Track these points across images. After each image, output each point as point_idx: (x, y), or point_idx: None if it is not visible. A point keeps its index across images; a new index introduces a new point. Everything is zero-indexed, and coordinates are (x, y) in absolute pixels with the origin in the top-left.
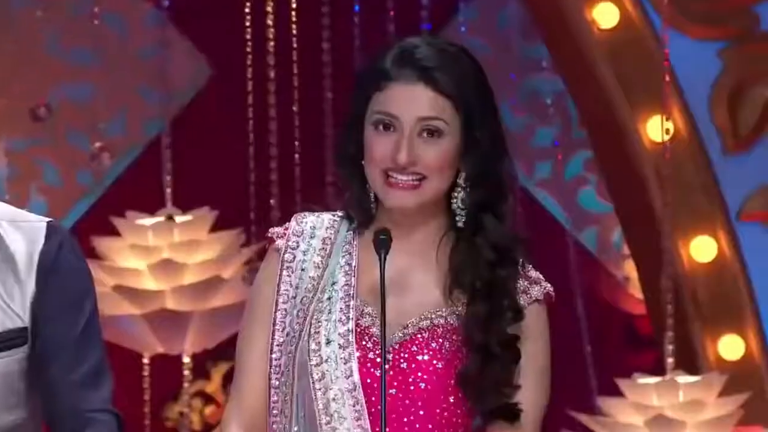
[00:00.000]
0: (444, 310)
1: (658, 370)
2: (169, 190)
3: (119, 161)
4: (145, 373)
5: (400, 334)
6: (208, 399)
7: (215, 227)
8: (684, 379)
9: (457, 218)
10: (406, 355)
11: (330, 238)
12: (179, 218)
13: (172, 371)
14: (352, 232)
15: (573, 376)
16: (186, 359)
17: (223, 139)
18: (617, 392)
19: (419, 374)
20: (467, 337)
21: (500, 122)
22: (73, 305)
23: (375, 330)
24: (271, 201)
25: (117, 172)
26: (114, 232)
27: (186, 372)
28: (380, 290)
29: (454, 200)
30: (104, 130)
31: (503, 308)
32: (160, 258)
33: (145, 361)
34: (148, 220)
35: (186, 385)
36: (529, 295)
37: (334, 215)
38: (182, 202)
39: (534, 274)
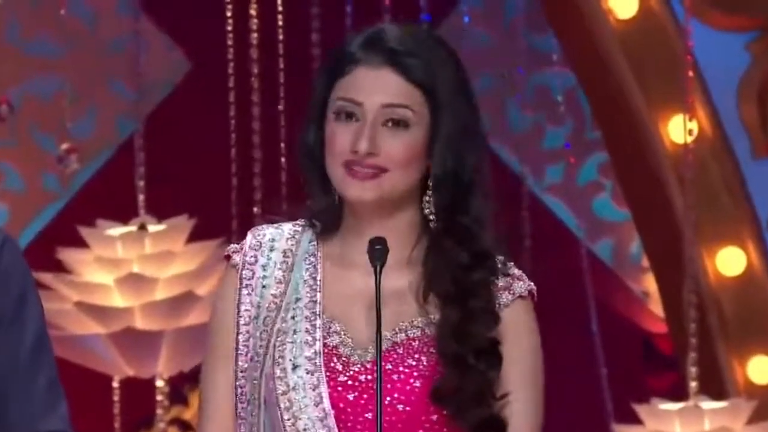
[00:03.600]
0: (420, 320)
1: (680, 394)
2: (142, 197)
3: (88, 164)
4: (115, 398)
5: (374, 351)
6: (185, 427)
7: (192, 237)
8: (709, 404)
9: (430, 220)
10: (381, 374)
11: (291, 250)
12: (152, 227)
13: (145, 396)
14: (315, 243)
15: (586, 400)
16: (160, 383)
17: (202, 140)
18: (635, 419)
19: (395, 395)
20: (441, 348)
21: (476, 116)
22: (19, 314)
23: (344, 349)
24: (255, 209)
25: (86, 177)
26: (82, 243)
27: (160, 397)
28: (376, 306)
29: (426, 200)
30: (72, 130)
31: (477, 312)
32: (129, 271)
33: (115, 385)
34: (116, 230)
35: (160, 411)
36: (511, 292)
37: (295, 224)
38: (157, 210)
39: (516, 271)
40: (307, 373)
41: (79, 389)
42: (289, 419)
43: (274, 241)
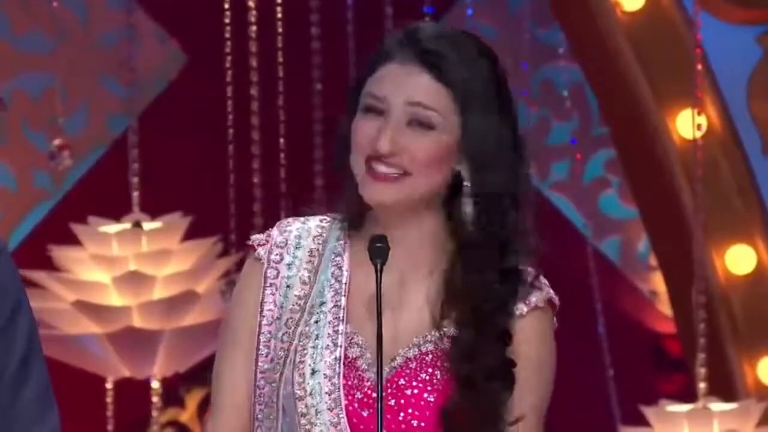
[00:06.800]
0: (433, 333)
1: (689, 396)
2: (136, 194)
3: (81, 161)
4: (109, 400)
5: (386, 369)
6: (181, 429)
7: (189, 235)
8: (718, 406)
9: (459, 229)
10: (394, 390)
11: (318, 250)
12: (147, 225)
13: (140, 398)
14: (342, 242)
15: (594, 403)
16: (155, 384)
17: (199, 136)
18: (643, 421)
19: (410, 410)
20: (453, 368)
21: (512, 122)
22: (10, 323)
23: (362, 363)
24: (254, 206)
25: (78, 174)
26: (74, 241)
27: (155, 399)
28: (377, 306)
29: (455, 208)
30: (64, 126)
31: (492, 335)
32: (126, 270)
33: (109, 386)
34: (112, 228)
35: (155, 413)
36: (527, 303)
37: (322, 220)
38: (151, 207)
39: (538, 281)
40: (325, 377)
41: (72, 391)
42: (305, 425)
43: (301, 239)
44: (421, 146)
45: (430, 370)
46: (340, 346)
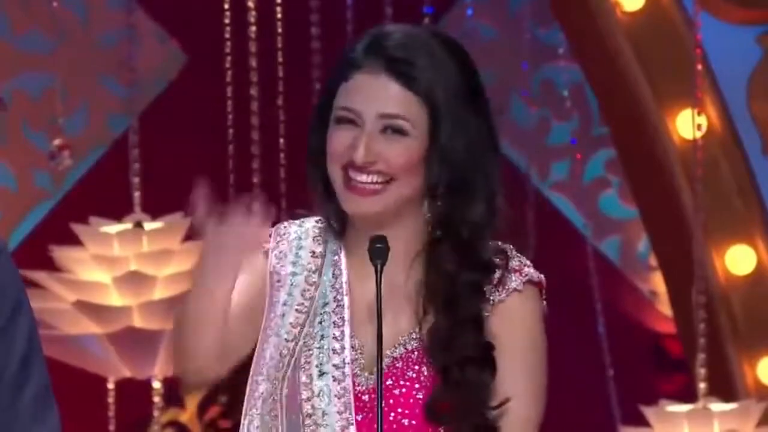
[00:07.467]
0: (417, 331)
1: (689, 396)
2: (137, 194)
3: (81, 161)
4: (110, 400)
5: (375, 370)
6: (181, 429)
7: (189, 236)
8: (718, 406)
9: (432, 229)
10: (383, 391)
11: (320, 251)
12: (148, 225)
13: (141, 398)
14: (338, 242)
15: (594, 403)
16: (156, 384)
17: (199, 136)
18: (643, 422)
19: (399, 410)
20: (432, 359)
21: (484, 122)
22: (10, 324)
23: (354, 367)
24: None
25: (79, 174)
26: (75, 241)
27: (156, 399)
28: (377, 306)
29: (423, 208)
30: (64, 126)
31: (465, 322)
32: (127, 270)
33: (110, 386)
34: (113, 228)
35: (156, 413)
36: (505, 287)
37: (318, 221)
38: (152, 208)
39: (516, 263)
40: (335, 380)
41: (73, 391)
42: (310, 425)
43: (301, 240)
44: (395, 152)
45: (416, 367)
46: (347, 347)
